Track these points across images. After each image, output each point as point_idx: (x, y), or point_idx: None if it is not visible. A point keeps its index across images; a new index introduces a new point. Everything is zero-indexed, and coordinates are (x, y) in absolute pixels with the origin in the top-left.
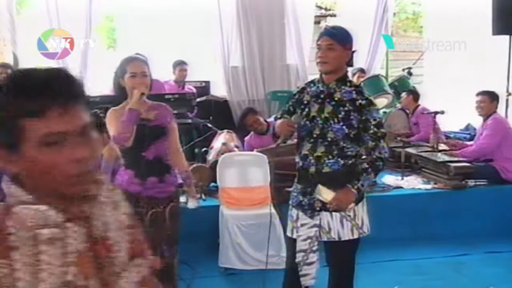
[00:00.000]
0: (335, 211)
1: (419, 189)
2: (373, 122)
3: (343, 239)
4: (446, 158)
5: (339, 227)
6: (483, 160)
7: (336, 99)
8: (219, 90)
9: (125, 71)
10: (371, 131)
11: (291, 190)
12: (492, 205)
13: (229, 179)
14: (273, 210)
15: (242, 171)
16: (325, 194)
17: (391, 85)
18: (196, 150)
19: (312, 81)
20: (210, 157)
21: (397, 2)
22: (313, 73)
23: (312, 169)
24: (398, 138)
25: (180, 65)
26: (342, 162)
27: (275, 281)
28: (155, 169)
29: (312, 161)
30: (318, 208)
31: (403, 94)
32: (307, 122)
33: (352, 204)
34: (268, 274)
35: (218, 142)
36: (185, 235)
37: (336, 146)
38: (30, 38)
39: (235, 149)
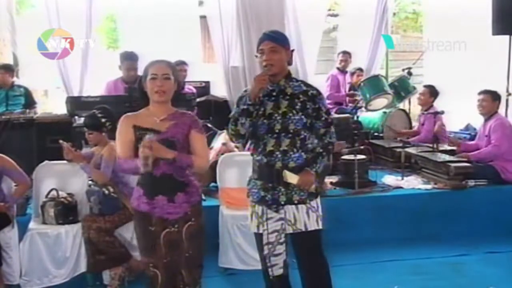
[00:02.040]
0: (300, 203)
1: (419, 189)
2: (324, 110)
3: (309, 229)
4: (447, 158)
5: (305, 218)
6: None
7: (289, 94)
8: (219, 90)
9: (147, 73)
10: (323, 118)
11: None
12: (492, 205)
13: (229, 179)
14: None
15: (242, 171)
16: (291, 178)
17: (391, 85)
18: None
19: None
20: (210, 157)
21: (397, 2)
22: (314, 73)
23: (279, 164)
24: (398, 139)
25: (180, 65)
26: (304, 156)
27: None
28: (163, 187)
29: (279, 156)
30: (282, 202)
31: (422, 90)
32: (264, 120)
33: (314, 185)
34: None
35: (218, 142)
36: None
37: (298, 137)
38: (30, 38)
39: (235, 149)
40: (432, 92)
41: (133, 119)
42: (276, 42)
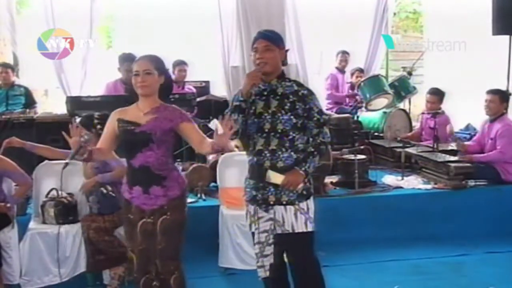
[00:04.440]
0: (286, 204)
1: (419, 189)
2: (316, 110)
3: (297, 231)
4: (447, 158)
5: (293, 220)
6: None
7: (279, 93)
8: (219, 90)
9: (131, 70)
10: (315, 118)
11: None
12: (492, 205)
13: (229, 179)
14: None
15: (242, 171)
16: (275, 178)
17: (391, 85)
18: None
19: None
20: (210, 157)
21: (398, 2)
22: (314, 73)
23: (267, 163)
24: (398, 138)
25: (180, 65)
26: (294, 156)
27: None
28: (140, 178)
29: (268, 155)
30: (272, 202)
31: (431, 97)
32: (255, 119)
33: (301, 185)
34: None
35: None
36: (185, 235)
37: (286, 137)
38: (30, 38)
39: (235, 149)
40: (441, 98)
41: (119, 113)
42: (270, 41)
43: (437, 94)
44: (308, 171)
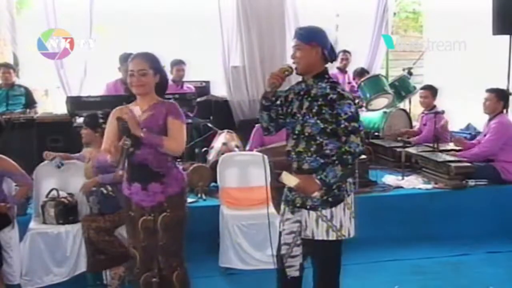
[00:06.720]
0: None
1: (419, 189)
2: (344, 117)
3: (316, 238)
4: (447, 158)
5: (313, 226)
6: (484, 160)
7: (312, 95)
8: (219, 90)
9: (127, 69)
10: (342, 126)
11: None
12: (492, 205)
13: (229, 179)
14: (272, 210)
15: (242, 171)
16: (288, 180)
17: (392, 85)
18: (196, 150)
19: (300, 81)
20: (210, 157)
21: (398, 2)
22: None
23: (295, 165)
24: (399, 138)
25: (178, 65)
26: (321, 161)
27: (275, 281)
28: (139, 175)
29: (294, 156)
30: (298, 205)
31: (423, 92)
32: (291, 119)
33: (316, 193)
34: (268, 274)
35: (218, 142)
36: (185, 235)
37: (314, 142)
38: (30, 38)
39: (236, 149)
40: (433, 93)
41: (119, 111)
42: (299, 39)
43: (429, 89)
44: (326, 180)
